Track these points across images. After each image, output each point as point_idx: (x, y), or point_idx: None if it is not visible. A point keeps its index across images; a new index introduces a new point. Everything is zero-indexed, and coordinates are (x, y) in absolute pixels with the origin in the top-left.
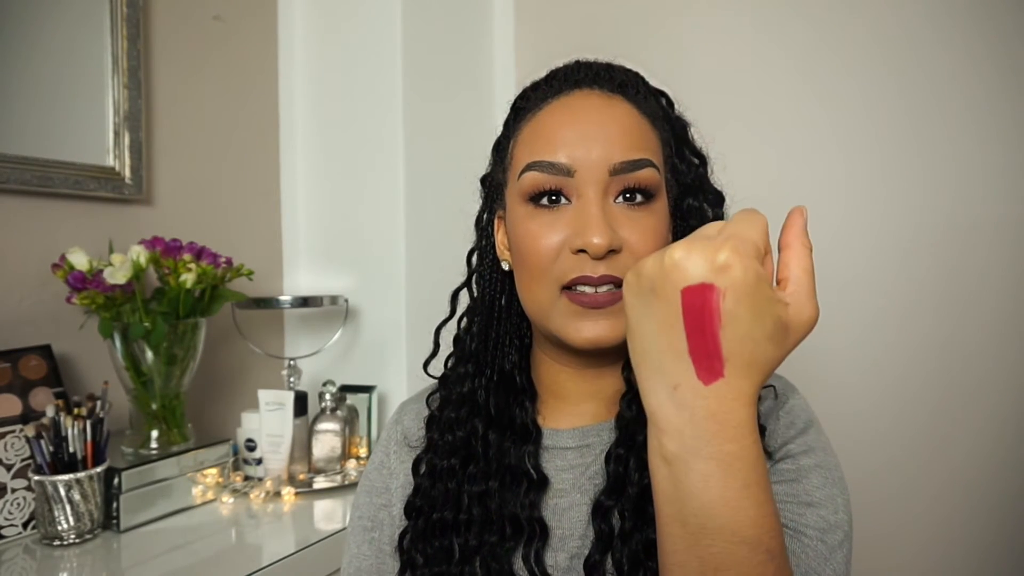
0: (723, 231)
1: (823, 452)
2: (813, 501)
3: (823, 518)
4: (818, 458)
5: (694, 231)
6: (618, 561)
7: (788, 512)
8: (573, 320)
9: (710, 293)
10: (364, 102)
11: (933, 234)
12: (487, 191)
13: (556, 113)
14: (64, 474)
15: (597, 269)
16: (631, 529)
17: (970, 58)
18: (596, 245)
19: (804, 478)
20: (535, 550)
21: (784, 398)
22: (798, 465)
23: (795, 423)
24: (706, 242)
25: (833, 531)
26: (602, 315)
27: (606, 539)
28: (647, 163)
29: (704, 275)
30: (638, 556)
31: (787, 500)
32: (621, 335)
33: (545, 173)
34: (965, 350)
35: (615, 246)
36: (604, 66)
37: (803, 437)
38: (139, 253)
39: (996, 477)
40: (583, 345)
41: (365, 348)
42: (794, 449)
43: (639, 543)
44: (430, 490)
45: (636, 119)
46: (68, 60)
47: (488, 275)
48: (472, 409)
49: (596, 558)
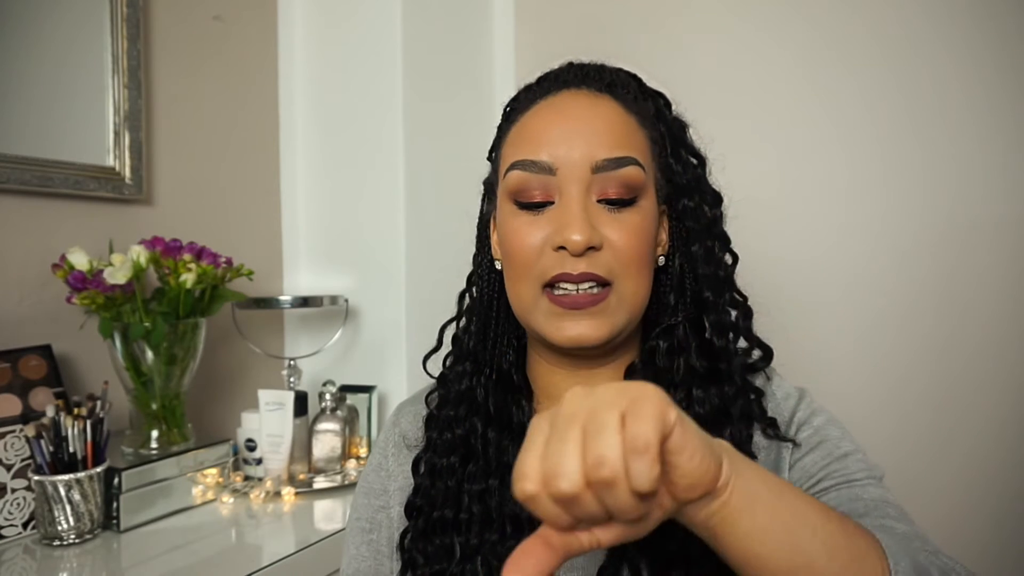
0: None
1: (823, 410)
2: (846, 452)
3: (861, 460)
4: (825, 415)
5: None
6: (635, 570)
7: (835, 469)
8: (555, 320)
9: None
10: (364, 102)
11: (933, 234)
12: (484, 192)
13: (542, 113)
14: (64, 474)
15: (577, 266)
16: (649, 539)
17: (971, 57)
18: (575, 242)
19: (827, 437)
20: None
21: (768, 383)
22: (814, 427)
23: (790, 394)
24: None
25: (875, 468)
26: (584, 315)
27: (621, 549)
28: (631, 161)
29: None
30: (656, 567)
31: (827, 461)
32: (605, 335)
33: (528, 171)
34: (965, 350)
35: (595, 243)
36: (595, 67)
37: (803, 403)
38: (139, 253)
39: (996, 477)
40: (565, 344)
41: (365, 348)
42: (803, 416)
43: (658, 554)
44: (430, 489)
45: (621, 117)
46: (68, 60)
47: (486, 275)
48: (471, 407)
49: (611, 570)
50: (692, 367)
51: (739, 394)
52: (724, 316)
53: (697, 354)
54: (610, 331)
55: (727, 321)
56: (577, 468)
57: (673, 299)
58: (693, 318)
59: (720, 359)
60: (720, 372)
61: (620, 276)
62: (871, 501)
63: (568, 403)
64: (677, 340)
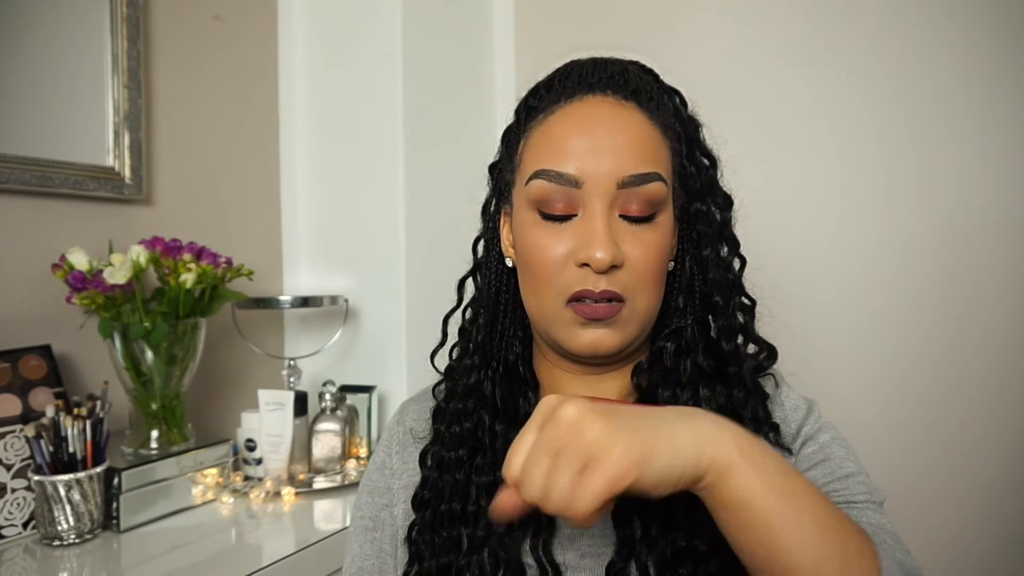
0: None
1: (830, 426)
2: (848, 472)
3: (863, 483)
4: (831, 432)
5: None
6: (643, 566)
7: (835, 488)
8: (575, 328)
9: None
10: (364, 102)
11: (934, 233)
12: (495, 181)
13: (567, 120)
14: (64, 474)
15: (599, 284)
16: (657, 535)
17: (971, 58)
18: (600, 260)
19: (831, 455)
20: (543, 541)
21: (777, 391)
22: (819, 444)
23: (799, 406)
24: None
25: (876, 492)
26: (601, 325)
27: (629, 544)
28: (656, 177)
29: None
30: (664, 562)
31: (828, 480)
32: (617, 345)
33: (553, 183)
34: (965, 350)
35: (618, 262)
36: (619, 68)
37: (811, 417)
38: (139, 253)
39: (996, 477)
40: (581, 351)
41: (365, 348)
42: (809, 431)
43: (666, 549)
44: (438, 482)
45: (648, 130)
46: (68, 60)
47: (494, 267)
48: (479, 400)
49: (620, 565)
50: (699, 366)
51: (749, 397)
52: (733, 320)
53: (704, 354)
54: (623, 341)
55: (736, 324)
56: (539, 487)
57: (682, 302)
58: (701, 319)
59: (729, 363)
60: (729, 375)
61: (635, 292)
62: (867, 526)
63: (557, 421)
64: (685, 341)
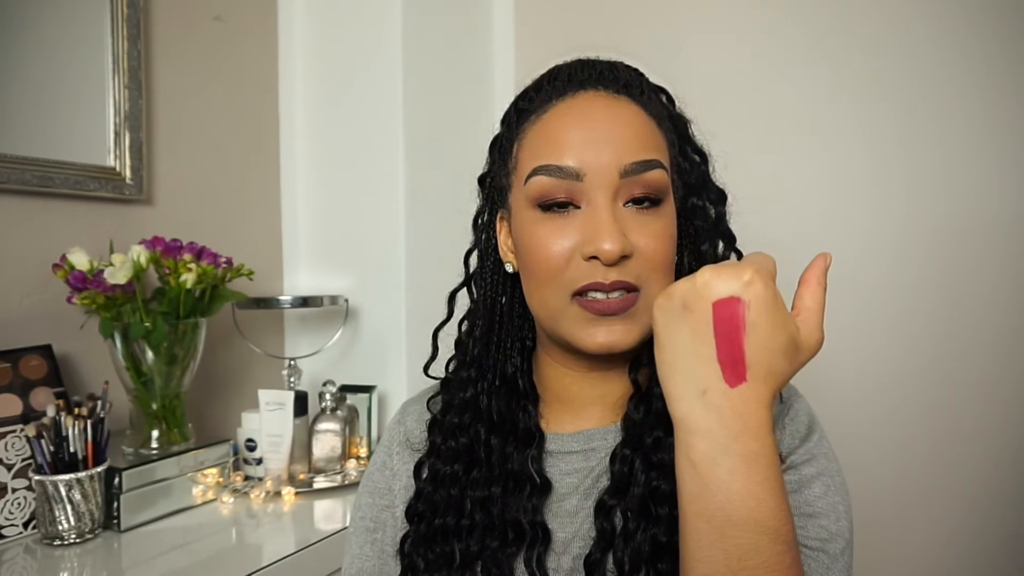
0: (744, 260)
1: (824, 459)
2: (815, 512)
3: (824, 528)
4: (820, 465)
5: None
6: (619, 560)
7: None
8: (585, 326)
9: (737, 304)
10: (364, 102)
11: (928, 233)
12: (487, 191)
13: (562, 115)
14: (65, 474)
15: (609, 275)
16: (634, 529)
17: (967, 59)
18: (609, 252)
19: (806, 488)
20: (537, 554)
21: (788, 403)
22: (800, 476)
23: (799, 430)
24: (731, 266)
25: (835, 540)
26: (616, 320)
27: (608, 538)
28: (657, 164)
29: (732, 291)
30: (640, 555)
31: (792, 514)
32: (634, 340)
33: (553, 177)
34: (957, 347)
35: (627, 252)
36: (608, 65)
37: (805, 445)
38: (139, 253)
39: (995, 477)
40: (596, 350)
41: (365, 348)
42: (797, 459)
43: (642, 542)
44: (432, 495)
45: (643, 120)
46: (68, 60)
47: (490, 277)
48: (475, 414)
49: (597, 556)
50: None
51: None
52: None
53: None
54: (640, 335)
55: None
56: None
57: None
58: None
59: None
60: None
61: (648, 281)
62: None
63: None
64: None
